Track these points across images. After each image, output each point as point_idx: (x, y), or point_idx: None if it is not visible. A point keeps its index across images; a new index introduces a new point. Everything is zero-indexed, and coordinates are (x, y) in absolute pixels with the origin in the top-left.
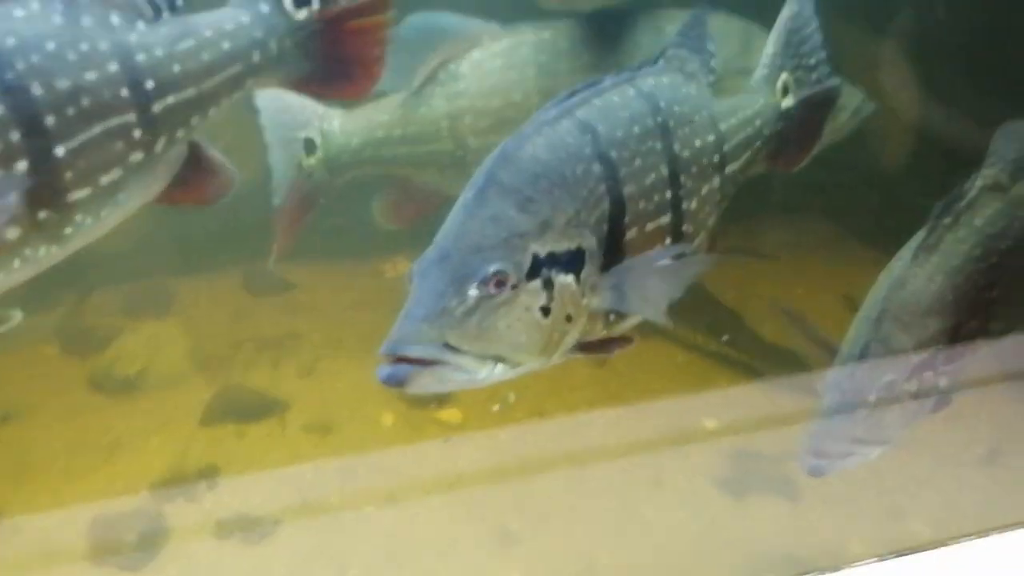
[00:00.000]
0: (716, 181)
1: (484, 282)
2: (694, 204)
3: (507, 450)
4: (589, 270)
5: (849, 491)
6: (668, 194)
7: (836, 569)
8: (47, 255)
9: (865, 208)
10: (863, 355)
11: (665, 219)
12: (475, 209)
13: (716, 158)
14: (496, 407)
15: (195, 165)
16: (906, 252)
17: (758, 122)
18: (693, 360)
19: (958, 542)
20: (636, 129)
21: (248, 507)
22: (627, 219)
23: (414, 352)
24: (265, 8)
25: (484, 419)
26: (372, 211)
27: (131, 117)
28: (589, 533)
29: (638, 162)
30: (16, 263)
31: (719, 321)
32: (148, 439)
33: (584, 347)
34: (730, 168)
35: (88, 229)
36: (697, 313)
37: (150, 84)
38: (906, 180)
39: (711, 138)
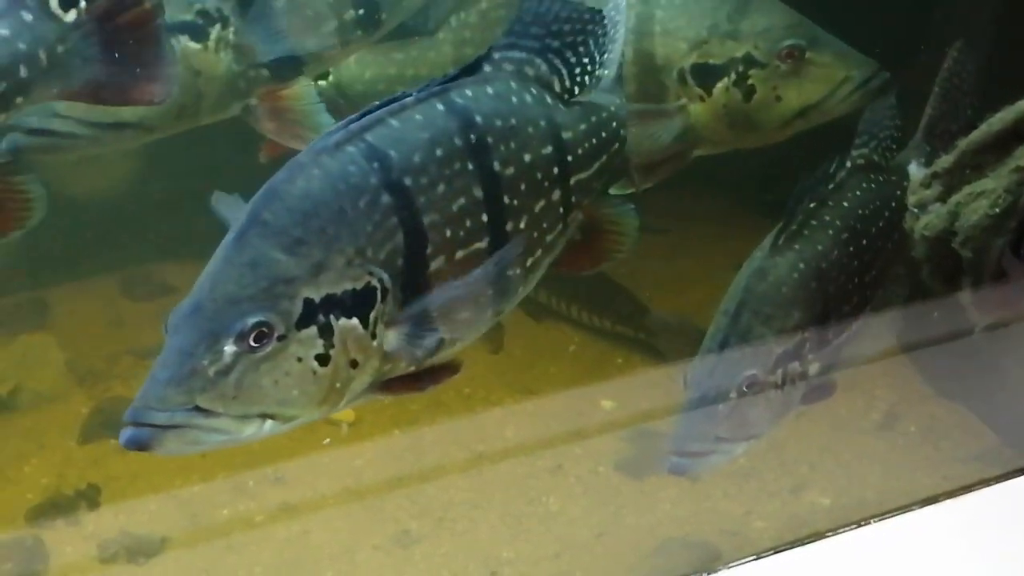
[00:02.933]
0: (556, 194)
1: (241, 336)
2: (523, 222)
3: (404, 447)
4: (382, 308)
5: (749, 465)
6: (484, 217)
7: (740, 556)
8: None
9: (756, 178)
10: (722, 349)
11: (481, 243)
12: (234, 255)
13: (555, 170)
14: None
15: None
16: (767, 241)
17: (614, 124)
18: (588, 342)
19: (858, 526)
20: (439, 151)
21: (133, 527)
22: (430, 249)
23: (158, 419)
24: (28, 16)
25: (379, 415)
26: None
27: None
28: (491, 528)
29: (441, 188)
30: None
31: (611, 299)
32: (23, 462)
33: (387, 386)
34: (578, 177)
35: None
36: (590, 292)
37: None
38: (797, 149)
39: (548, 150)
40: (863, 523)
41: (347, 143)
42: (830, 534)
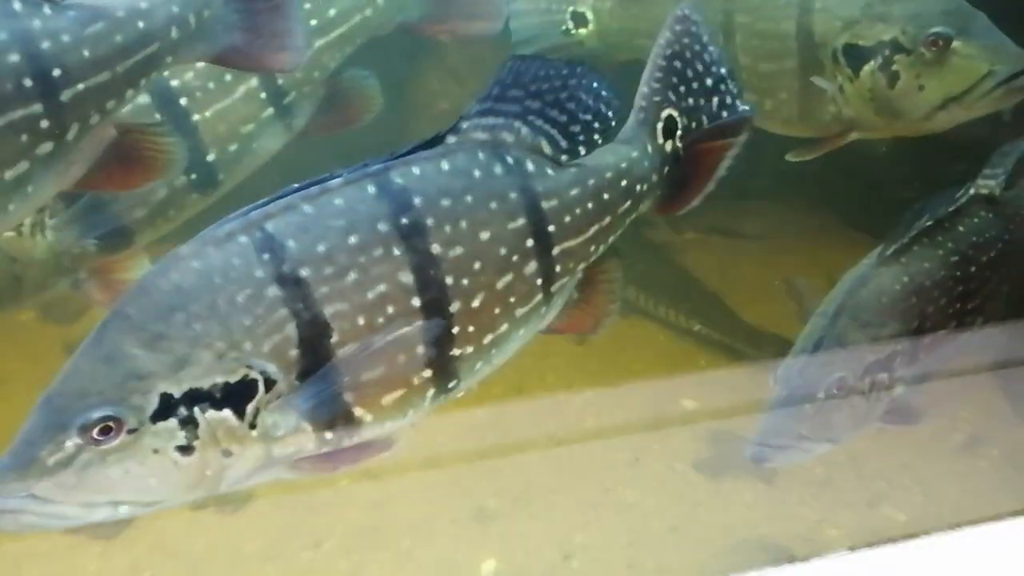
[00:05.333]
0: (530, 267)
1: (84, 429)
2: (476, 301)
3: (485, 427)
4: (265, 399)
5: (827, 475)
6: (414, 301)
7: (811, 557)
8: None
9: (855, 194)
10: (815, 350)
11: (408, 328)
12: (91, 348)
13: (529, 243)
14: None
15: (120, 150)
16: (876, 250)
17: (624, 183)
18: (673, 340)
19: (934, 534)
20: (354, 239)
21: None
22: (335, 338)
23: None
24: None
25: (462, 396)
26: None
27: (37, 108)
28: (566, 513)
29: (352, 276)
30: None
31: (700, 302)
32: None
33: (297, 465)
34: (566, 245)
35: None
36: (678, 293)
37: (57, 72)
38: (897, 167)
39: (518, 223)
40: (940, 531)
41: (240, 232)
42: (905, 541)
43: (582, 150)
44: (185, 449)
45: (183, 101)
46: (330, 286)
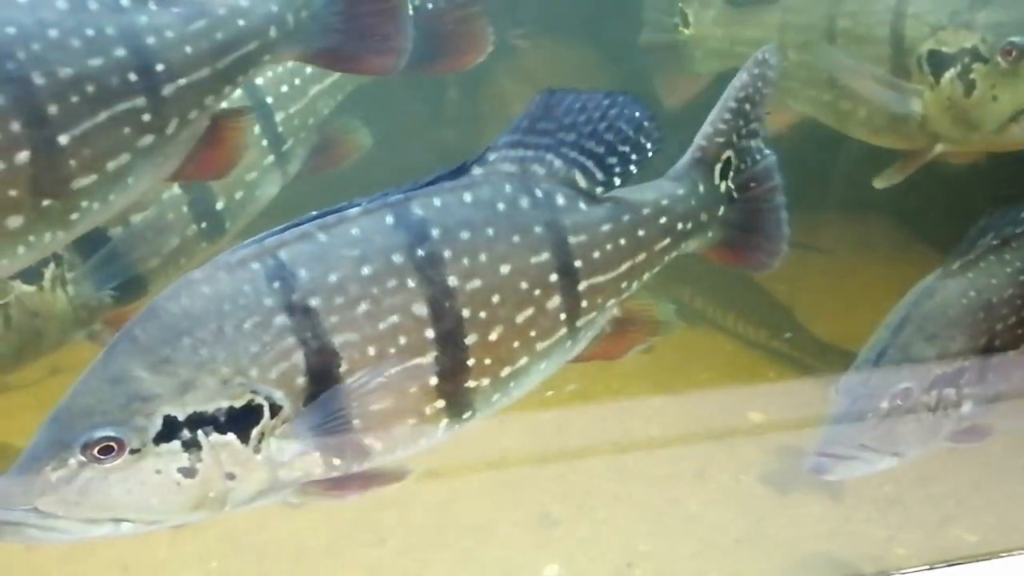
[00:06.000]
0: (553, 301)
1: (86, 448)
2: (494, 335)
3: (550, 432)
4: (271, 424)
5: (896, 493)
6: (429, 333)
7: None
8: (53, 241)
9: (933, 209)
10: (879, 360)
11: (423, 359)
12: (100, 368)
13: (552, 278)
14: (549, 393)
15: (209, 140)
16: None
17: (664, 219)
18: (741, 352)
19: (1005, 556)
20: (367, 269)
21: None
22: (344, 367)
23: None
24: None
25: (529, 400)
26: None
27: (140, 101)
28: (630, 521)
29: (363, 307)
30: (21, 250)
31: (770, 314)
32: None
33: (305, 488)
34: (594, 281)
35: (95, 213)
36: (748, 305)
37: (160, 67)
38: (979, 183)
39: (542, 257)
40: (1012, 553)
41: (253, 259)
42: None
43: (617, 181)
44: (188, 471)
45: None
46: (340, 316)
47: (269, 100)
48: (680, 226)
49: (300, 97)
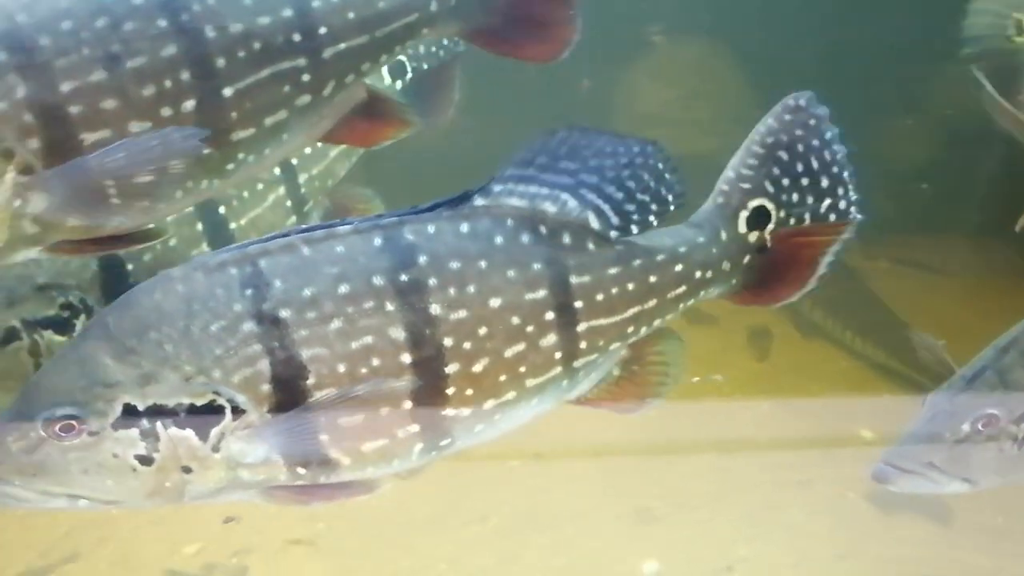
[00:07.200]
0: (548, 339)
1: (48, 423)
2: (478, 367)
3: (655, 429)
4: (234, 425)
5: (1007, 525)
6: (405, 358)
7: None
8: (209, 187)
9: None
10: (974, 379)
11: (397, 383)
12: (71, 350)
13: (548, 316)
14: None
15: (367, 109)
16: None
17: (679, 267)
18: (855, 367)
19: None
20: (344, 288)
21: None
22: (311, 381)
23: None
24: None
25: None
26: None
27: (301, 61)
28: (730, 524)
29: (336, 324)
30: (179, 194)
31: (887, 332)
32: None
33: (270, 492)
34: (594, 323)
35: (250, 165)
36: (864, 321)
37: (323, 30)
38: None
39: (537, 294)
40: None
41: (232, 264)
42: None
43: (634, 229)
44: (144, 459)
45: (221, 210)
46: (311, 330)
47: (294, 161)
48: (698, 274)
49: (322, 159)
